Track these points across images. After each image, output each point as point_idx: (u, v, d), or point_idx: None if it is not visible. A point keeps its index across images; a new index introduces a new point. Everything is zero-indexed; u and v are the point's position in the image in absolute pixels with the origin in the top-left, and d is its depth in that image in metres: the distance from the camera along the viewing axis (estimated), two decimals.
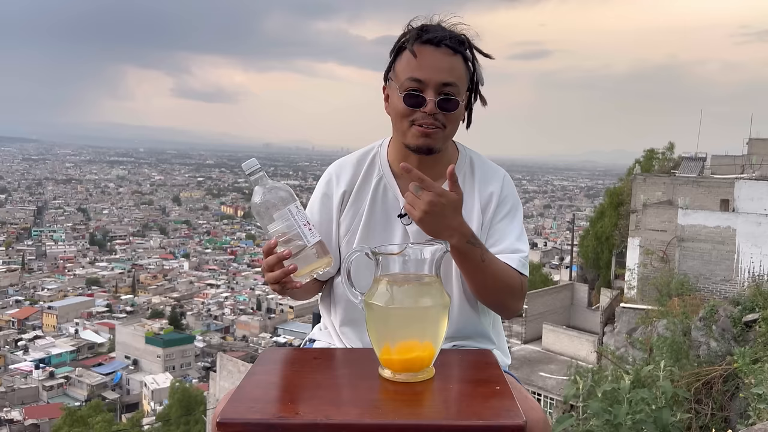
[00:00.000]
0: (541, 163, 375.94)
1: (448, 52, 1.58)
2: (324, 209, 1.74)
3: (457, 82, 1.59)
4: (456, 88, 1.59)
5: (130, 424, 36.71)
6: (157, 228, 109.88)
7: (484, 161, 1.79)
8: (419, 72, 1.57)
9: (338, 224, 1.73)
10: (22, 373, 50.91)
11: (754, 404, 4.56)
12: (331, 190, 1.74)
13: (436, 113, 1.57)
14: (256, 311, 67.48)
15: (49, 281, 77.78)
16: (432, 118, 1.58)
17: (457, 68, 1.59)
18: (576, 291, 25.56)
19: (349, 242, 1.71)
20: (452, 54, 1.59)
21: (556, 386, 17.28)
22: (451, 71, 1.58)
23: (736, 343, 10.34)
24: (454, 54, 1.59)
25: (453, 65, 1.59)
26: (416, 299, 1.32)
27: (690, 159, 26.73)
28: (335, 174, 1.76)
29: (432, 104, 1.56)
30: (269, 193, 1.48)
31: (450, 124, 1.61)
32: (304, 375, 1.42)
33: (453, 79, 1.58)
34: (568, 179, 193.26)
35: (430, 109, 1.56)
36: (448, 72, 1.58)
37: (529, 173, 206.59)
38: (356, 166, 1.76)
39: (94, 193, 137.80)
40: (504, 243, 1.68)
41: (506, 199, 1.72)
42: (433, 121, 1.58)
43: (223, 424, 1.17)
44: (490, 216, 1.70)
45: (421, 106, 1.57)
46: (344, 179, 1.74)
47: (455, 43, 1.60)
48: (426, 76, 1.56)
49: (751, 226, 17.71)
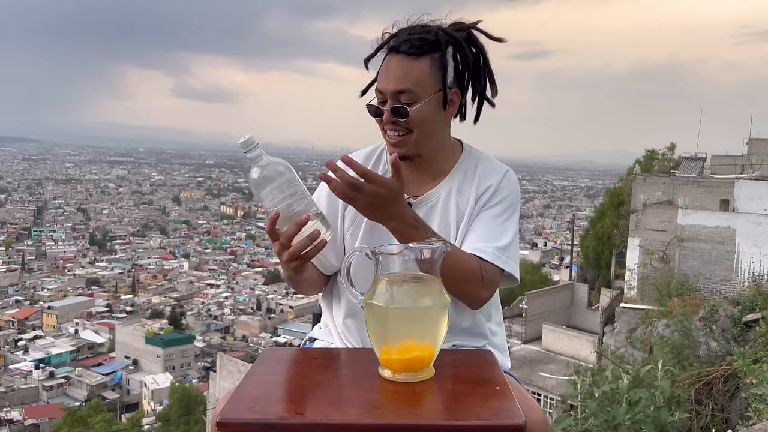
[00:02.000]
0: (541, 163, 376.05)
1: (407, 58, 1.58)
2: (331, 200, 1.75)
3: (412, 87, 1.58)
4: (410, 94, 1.58)
5: (130, 424, 36.73)
6: (157, 228, 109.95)
7: (489, 160, 1.78)
8: (380, 83, 1.62)
9: (344, 216, 1.75)
10: (22, 373, 50.95)
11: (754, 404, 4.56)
12: None
13: (394, 121, 1.60)
14: (256, 311, 67.53)
15: (49, 281, 77.85)
16: (392, 125, 1.61)
17: (414, 73, 1.58)
18: (576, 291, 25.56)
19: (354, 234, 1.73)
20: (412, 59, 1.58)
21: (556, 386, 17.29)
22: (404, 78, 1.58)
23: (736, 343, 10.34)
24: (415, 58, 1.58)
25: (408, 71, 1.58)
26: (416, 299, 1.32)
27: (690, 159, 26.74)
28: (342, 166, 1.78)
29: (387, 114, 1.60)
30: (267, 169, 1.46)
31: (416, 128, 1.61)
32: (304, 375, 1.42)
33: (407, 85, 1.57)
34: (568, 179, 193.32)
35: (385, 118, 1.61)
36: (401, 80, 1.58)
37: (529, 173, 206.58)
38: (364, 160, 1.79)
39: (94, 193, 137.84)
40: (479, 232, 1.66)
41: (501, 191, 1.70)
42: (394, 128, 1.61)
43: (223, 424, 1.17)
44: (480, 206, 1.69)
45: (380, 116, 1.62)
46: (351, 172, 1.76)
47: (415, 47, 1.58)
48: (383, 86, 1.61)
49: (751, 226, 17.71)
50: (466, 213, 1.69)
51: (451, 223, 1.70)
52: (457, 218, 1.70)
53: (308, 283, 1.70)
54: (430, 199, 1.72)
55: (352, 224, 1.73)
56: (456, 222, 1.69)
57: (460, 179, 1.73)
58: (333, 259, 1.74)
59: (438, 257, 1.36)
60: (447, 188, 1.72)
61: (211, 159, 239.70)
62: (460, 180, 1.72)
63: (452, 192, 1.71)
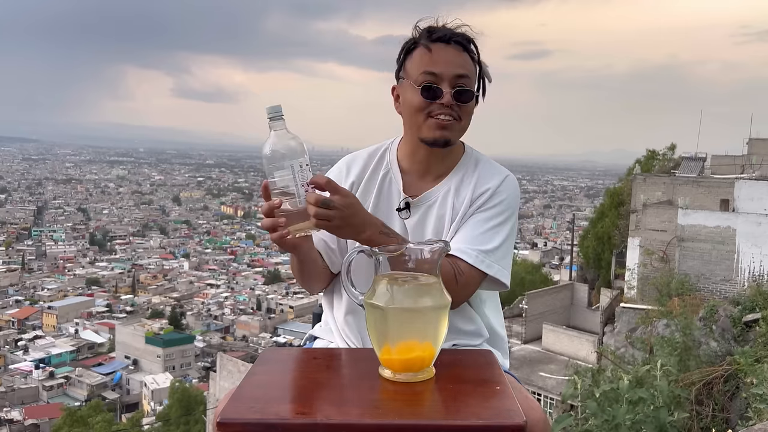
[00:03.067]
0: (541, 163, 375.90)
1: (459, 48, 1.66)
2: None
3: (469, 75, 1.65)
4: (469, 80, 1.65)
5: (130, 424, 36.72)
6: (157, 228, 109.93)
7: (490, 163, 1.80)
8: (434, 66, 1.63)
9: None
10: (22, 373, 50.94)
11: (754, 404, 4.56)
12: (341, 179, 1.77)
13: (453, 104, 1.62)
14: (256, 311, 67.52)
15: (49, 281, 77.82)
16: (449, 109, 1.63)
17: (467, 64, 1.66)
18: (576, 291, 25.56)
19: None
20: (462, 50, 1.66)
21: (556, 386, 17.29)
22: (463, 65, 1.65)
23: (736, 343, 10.35)
24: (463, 51, 1.66)
25: (464, 60, 1.66)
26: (416, 299, 1.32)
27: (690, 159, 26.71)
28: (346, 165, 1.82)
29: (449, 95, 1.62)
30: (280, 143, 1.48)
31: (465, 117, 1.67)
32: (304, 375, 1.42)
33: (466, 71, 1.64)
34: (568, 179, 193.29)
35: (447, 100, 1.62)
36: (462, 65, 1.64)
37: (529, 173, 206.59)
38: (367, 159, 1.81)
39: (94, 193, 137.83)
40: (464, 234, 1.66)
41: (498, 195, 1.70)
42: (450, 112, 1.63)
43: (223, 424, 1.17)
44: (474, 208, 1.70)
45: (437, 98, 1.62)
46: (354, 171, 1.79)
47: (463, 41, 1.67)
48: (441, 69, 1.62)
49: (751, 226, 17.71)
50: (459, 213, 1.70)
51: (445, 222, 1.71)
52: (451, 218, 1.70)
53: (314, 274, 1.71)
54: (429, 198, 1.73)
55: None
56: (450, 222, 1.70)
57: (458, 180, 1.74)
58: (339, 255, 1.74)
59: (439, 257, 1.36)
60: (445, 188, 1.73)
61: (211, 159, 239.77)
62: (459, 181, 1.73)
63: (450, 192, 1.72)
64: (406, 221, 1.71)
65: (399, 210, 1.73)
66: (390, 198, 1.75)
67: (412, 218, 1.72)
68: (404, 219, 1.72)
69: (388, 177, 1.77)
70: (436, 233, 1.70)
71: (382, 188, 1.76)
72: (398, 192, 1.75)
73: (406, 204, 1.73)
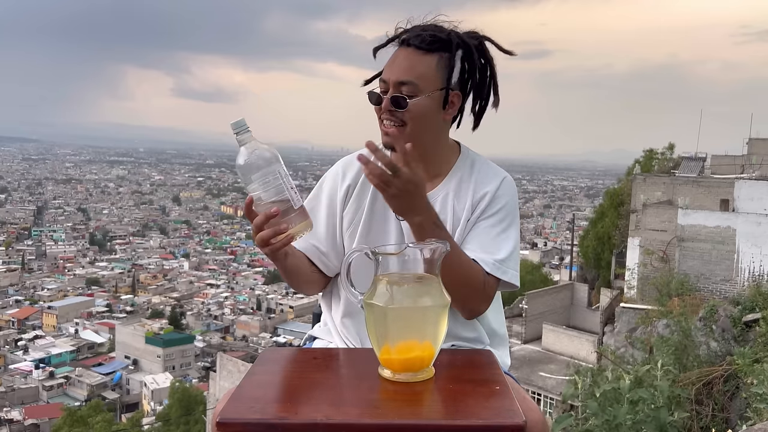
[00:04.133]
0: (541, 163, 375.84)
1: (416, 51, 1.60)
2: (330, 202, 1.76)
3: (415, 80, 1.58)
4: (412, 86, 1.58)
5: (130, 424, 36.73)
6: (157, 228, 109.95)
7: (487, 164, 1.77)
8: (385, 73, 1.63)
9: (341, 217, 1.75)
10: (22, 373, 50.94)
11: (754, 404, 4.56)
12: (337, 183, 1.77)
13: (391, 111, 1.60)
14: (256, 311, 67.53)
15: (49, 281, 77.82)
16: (389, 114, 1.61)
17: (419, 67, 1.59)
18: (576, 291, 25.57)
19: (352, 235, 1.73)
20: (421, 53, 1.59)
21: (556, 386, 17.29)
22: (409, 70, 1.59)
23: (736, 343, 10.34)
24: (424, 53, 1.59)
25: (414, 63, 1.59)
26: (416, 299, 1.32)
27: (690, 159, 26.72)
28: (342, 168, 1.80)
29: (386, 101, 1.60)
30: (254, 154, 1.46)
31: (411, 122, 1.60)
32: (304, 375, 1.42)
33: (410, 77, 1.58)
34: (568, 179, 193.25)
35: (384, 105, 1.61)
36: (406, 70, 1.59)
37: (529, 173, 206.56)
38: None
39: (94, 193, 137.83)
40: (479, 242, 1.65)
41: (499, 199, 1.69)
42: (390, 118, 1.61)
43: (223, 424, 1.17)
44: (477, 214, 1.68)
45: (379, 104, 1.62)
46: (350, 174, 1.77)
47: (425, 42, 1.59)
48: (387, 75, 1.62)
49: (751, 226, 17.71)
50: (462, 218, 1.68)
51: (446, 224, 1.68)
52: (453, 222, 1.68)
53: (302, 280, 1.71)
54: None
55: (351, 225, 1.73)
56: (452, 226, 1.68)
57: (456, 183, 1.71)
58: (334, 259, 1.74)
59: (438, 257, 1.36)
60: (444, 191, 1.71)
61: (211, 159, 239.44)
62: (457, 183, 1.71)
63: (449, 195, 1.70)
64: (403, 224, 1.68)
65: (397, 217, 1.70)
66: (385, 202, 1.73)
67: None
68: (401, 221, 1.69)
69: None
70: None
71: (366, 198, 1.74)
72: None
73: None
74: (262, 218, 1.44)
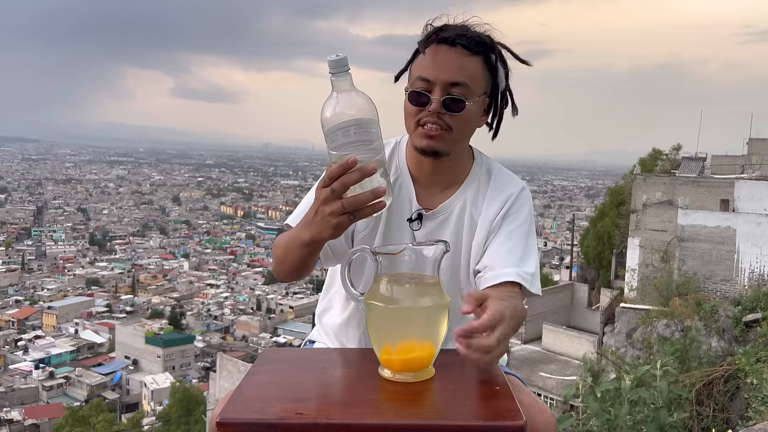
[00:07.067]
0: (541, 163, 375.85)
1: (463, 52, 1.52)
2: None
3: (467, 82, 1.51)
4: (466, 89, 1.51)
5: (131, 424, 36.73)
6: (157, 228, 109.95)
7: (503, 172, 1.71)
8: (427, 71, 1.52)
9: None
10: (22, 373, 50.93)
11: (755, 404, 4.56)
12: None
13: (441, 113, 1.51)
14: (256, 311, 67.54)
15: (49, 281, 77.80)
16: (436, 117, 1.51)
17: (469, 69, 1.52)
18: (576, 291, 25.58)
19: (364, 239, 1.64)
20: (468, 54, 1.52)
21: (556, 386, 17.30)
22: (461, 70, 1.51)
23: (736, 343, 10.35)
24: (470, 55, 1.52)
25: (465, 65, 1.52)
26: (416, 299, 1.32)
27: (690, 159, 26.72)
28: None
29: (436, 103, 1.50)
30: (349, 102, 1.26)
31: (457, 127, 1.54)
32: (303, 375, 1.42)
33: (463, 78, 1.51)
34: (568, 179, 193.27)
35: (433, 108, 1.50)
36: (458, 71, 1.51)
37: (529, 173, 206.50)
38: None
39: (94, 193, 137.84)
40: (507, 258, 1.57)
41: (520, 211, 1.63)
42: (436, 121, 1.52)
43: (223, 424, 1.17)
44: (496, 223, 1.62)
45: (425, 105, 1.52)
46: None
47: (473, 43, 1.52)
48: (433, 74, 1.51)
49: (751, 226, 17.70)
50: (479, 228, 1.63)
51: (463, 236, 1.64)
52: (469, 231, 1.64)
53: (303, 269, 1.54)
54: (444, 211, 1.65)
55: (366, 228, 1.65)
56: (468, 235, 1.64)
57: (474, 191, 1.66)
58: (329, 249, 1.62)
59: (438, 257, 1.36)
60: (461, 200, 1.65)
61: (211, 159, 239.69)
62: (474, 192, 1.66)
63: (466, 205, 1.65)
64: (417, 233, 1.65)
65: (410, 221, 1.65)
66: (401, 207, 1.65)
67: (423, 230, 1.64)
68: (415, 230, 1.66)
69: (398, 183, 1.67)
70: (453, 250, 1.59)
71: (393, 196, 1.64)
72: (409, 201, 1.65)
73: (419, 215, 1.64)
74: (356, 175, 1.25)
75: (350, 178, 1.24)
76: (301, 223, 1.39)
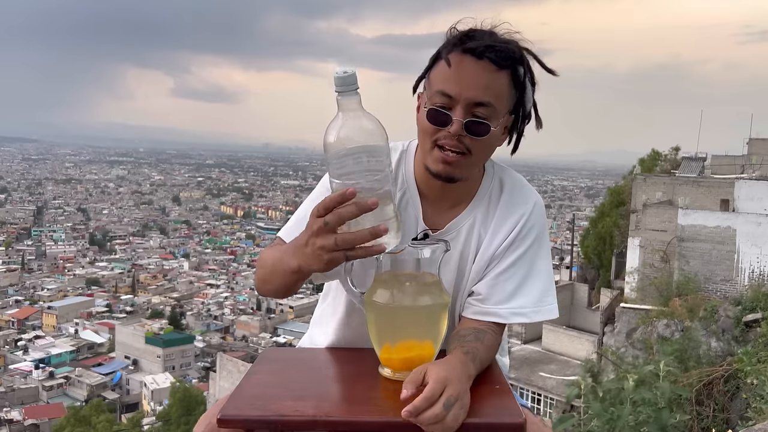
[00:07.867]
0: (541, 163, 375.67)
1: (490, 67, 1.35)
2: None
3: (493, 102, 1.36)
4: (491, 109, 1.36)
5: (131, 424, 36.73)
6: (157, 228, 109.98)
7: (516, 184, 1.58)
8: (450, 86, 1.36)
9: None
10: (22, 373, 50.94)
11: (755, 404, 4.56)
12: None
13: (462, 136, 1.36)
14: (256, 311, 67.52)
15: (49, 281, 77.81)
16: (456, 140, 1.37)
17: (496, 87, 1.37)
18: (576, 291, 25.57)
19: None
20: (495, 70, 1.35)
21: (556, 386, 17.29)
22: (487, 89, 1.36)
23: (736, 343, 10.34)
24: (498, 70, 1.36)
25: (492, 83, 1.36)
26: (416, 298, 1.32)
27: (690, 159, 26.74)
28: None
29: (458, 125, 1.35)
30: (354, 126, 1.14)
31: (477, 151, 1.40)
32: (304, 374, 1.42)
33: (489, 98, 1.36)
34: (568, 179, 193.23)
35: (454, 130, 1.36)
36: (484, 90, 1.35)
37: (529, 173, 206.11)
38: None
39: (94, 193, 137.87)
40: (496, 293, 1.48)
41: (527, 235, 1.50)
42: (456, 145, 1.37)
43: (224, 421, 1.17)
44: (501, 250, 1.50)
45: (446, 126, 1.37)
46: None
47: (501, 58, 1.35)
48: (456, 91, 1.35)
49: (751, 226, 17.71)
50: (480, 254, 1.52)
51: (469, 256, 1.53)
52: (476, 249, 1.53)
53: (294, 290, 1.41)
54: (451, 231, 1.53)
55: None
56: (474, 253, 1.53)
57: (484, 209, 1.54)
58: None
59: (438, 256, 1.36)
60: (470, 219, 1.53)
61: (211, 159, 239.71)
62: (485, 210, 1.54)
63: (475, 223, 1.53)
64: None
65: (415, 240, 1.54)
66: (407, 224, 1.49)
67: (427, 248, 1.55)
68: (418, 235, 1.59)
69: (405, 198, 1.53)
70: (458, 272, 1.52)
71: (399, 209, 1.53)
72: (416, 218, 1.52)
73: (425, 235, 1.51)
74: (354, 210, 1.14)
75: (347, 211, 1.13)
76: (291, 248, 1.26)
